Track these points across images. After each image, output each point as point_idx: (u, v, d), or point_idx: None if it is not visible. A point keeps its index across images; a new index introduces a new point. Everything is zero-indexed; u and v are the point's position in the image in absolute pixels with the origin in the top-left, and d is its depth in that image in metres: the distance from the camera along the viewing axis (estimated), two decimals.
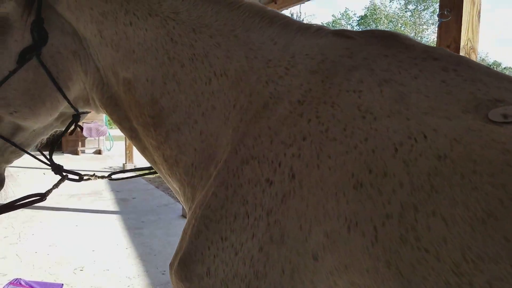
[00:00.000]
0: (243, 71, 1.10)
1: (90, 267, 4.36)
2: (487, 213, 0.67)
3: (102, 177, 1.64)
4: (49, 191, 1.52)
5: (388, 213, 0.76)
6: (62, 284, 3.80)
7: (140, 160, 10.69)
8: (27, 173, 9.47)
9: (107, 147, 16.06)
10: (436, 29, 2.47)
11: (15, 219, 5.97)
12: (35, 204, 1.55)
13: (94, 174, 1.63)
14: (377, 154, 0.82)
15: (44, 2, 1.28)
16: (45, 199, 1.49)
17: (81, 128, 1.60)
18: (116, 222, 6.03)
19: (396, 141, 0.82)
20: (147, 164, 1.52)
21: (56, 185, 1.58)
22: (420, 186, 0.75)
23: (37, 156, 1.53)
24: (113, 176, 1.64)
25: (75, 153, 14.88)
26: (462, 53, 2.43)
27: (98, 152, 15.17)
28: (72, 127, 1.48)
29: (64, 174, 1.50)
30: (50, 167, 1.49)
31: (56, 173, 1.50)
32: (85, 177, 1.56)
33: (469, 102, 0.84)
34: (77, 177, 1.55)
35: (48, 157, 1.48)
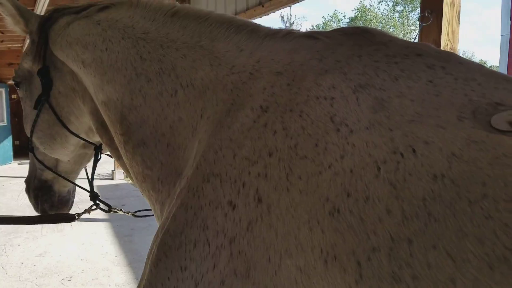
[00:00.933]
0: (209, 79, 1.08)
1: (79, 277, 4.29)
2: (510, 250, 0.54)
3: (128, 212, 1.82)
4: (80, 214, 1.71)
5: (374, 245, 0.63)
6: None
7: None
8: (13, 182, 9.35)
9: None
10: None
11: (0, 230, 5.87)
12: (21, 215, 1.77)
13: (121, 209, 1.81)
14: (356, 174, 0.69)
15: (49, 51, 1.47)
16: (74, 221, 1.71)
17: (111, 156, 1.88)
18: (105, 230, 5.96)
19: (378, 158, 0.69)
20: None
21: (87, 210, 1.74)
22: (414, 214, 0.61)
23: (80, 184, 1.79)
24: (138, 213, 1.81)
25: None
26: None
27: None
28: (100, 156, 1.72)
29: (97, 202, 1.68)
30: (88, 192, 1.69)
31: (91, 200, 1.68)
32: (113, 210, 1.75)
33: (464, 106, 0.70)
34: (106, 208, 1.73)
35: (90, 183, 1.71)
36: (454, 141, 0.65)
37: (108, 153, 1.76)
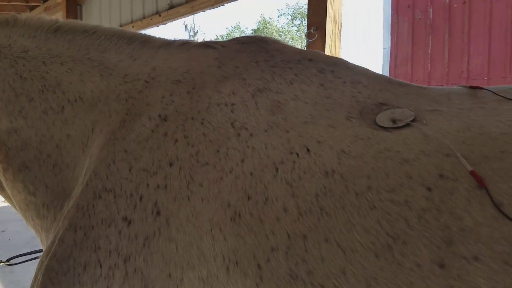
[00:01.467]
0: (99, 90, 1.03)
1: None
2: (392, 237, 0.57)
3: (0, 261, 1.60)
4: None
5: (273, 246, 0.64)
6: None
7: None
8: None
9: None
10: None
11: None
12: None
13: None
14: (256, 176, 0.71)
15: None
16: None
17: None
18: None
19: (276, 159, 0.71)
20: None
21: None
22: (308, 210, 0.64)
23: None
24: (14, 261, 1.60)
25: None
26: None
27: None
28: None
29: None
30: None
31: None
32: None
33: (352, 106, 0.76)
34: None
35: None
36: (343, 139, 0.70)
37: None
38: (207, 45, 1.06)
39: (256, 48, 0.99)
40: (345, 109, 0.77)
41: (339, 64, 0.91)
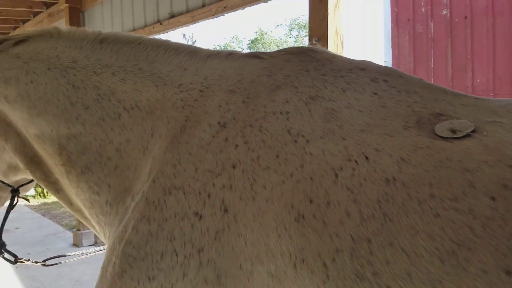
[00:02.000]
0: (156, 99, 1.10)
1: None
2: (457, 244, 0.59)
3: (36, 262, 1.63)
4: None
5: (337, 247, 0.68)
6: None
7: None
8: None
9: None
10: None
11: None
12: None
13: (29, 259, 1.64)
14: (316, 181, 0.75)
15: None
16: None
17: (26, 199, 1.72)
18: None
19: (335, 165, 0.75)
20: None
21: None
22: (371, 215, 0.67)
23: None
24: (49, 262, 1.64)
25: None
26: None
27: None
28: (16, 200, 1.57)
29: (2, 251, 1.55)
30: None
31: None
32: (19, 261, 1.58)
33: (408, 116, 0.79)
34: (12, 259, 1.58)
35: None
36: (402, 148, 0.72)
37: (25, 195, 1.66)
38: (254, 56, 1.10)
39: (305, 58, 1.02)
40: (402, 118, 0.79)
41: (392, 74, 0.92)
